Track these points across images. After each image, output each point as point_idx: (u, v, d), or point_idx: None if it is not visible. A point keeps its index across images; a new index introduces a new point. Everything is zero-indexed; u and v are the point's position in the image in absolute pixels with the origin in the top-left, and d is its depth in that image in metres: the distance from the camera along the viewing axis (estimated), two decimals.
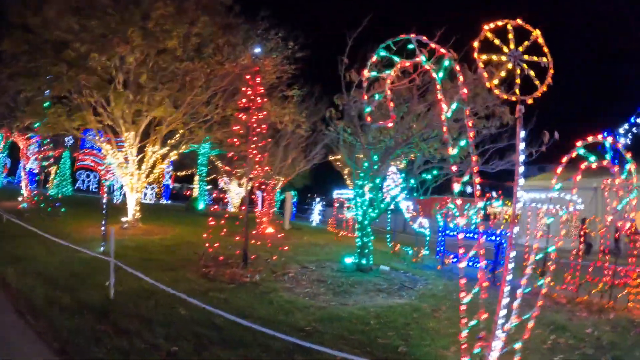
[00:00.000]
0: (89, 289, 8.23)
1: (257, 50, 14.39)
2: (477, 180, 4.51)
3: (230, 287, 8.95)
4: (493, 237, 12.98)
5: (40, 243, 12.13)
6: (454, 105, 4.66)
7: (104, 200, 12.36)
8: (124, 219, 16.35)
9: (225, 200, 41.61)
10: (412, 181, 12.07)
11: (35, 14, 13.41)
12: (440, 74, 4.84)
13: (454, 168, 4.70)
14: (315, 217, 33.92)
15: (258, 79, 11.51)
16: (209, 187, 43.55)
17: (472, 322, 4.72)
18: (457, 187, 4.61)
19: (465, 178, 4.51)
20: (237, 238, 11.92)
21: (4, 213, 15.60)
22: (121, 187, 36.50)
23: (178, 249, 13.28)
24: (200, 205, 29.69)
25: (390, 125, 6.00)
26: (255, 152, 11.26)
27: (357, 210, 12.32)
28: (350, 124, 11.69)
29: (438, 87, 4.82)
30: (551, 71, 4.85)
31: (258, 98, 11.45)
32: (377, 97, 6.42)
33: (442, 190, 13.41)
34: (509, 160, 10.46)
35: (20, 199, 21.42)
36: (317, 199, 36.91)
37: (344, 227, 23.37)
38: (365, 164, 11.91)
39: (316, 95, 21.95)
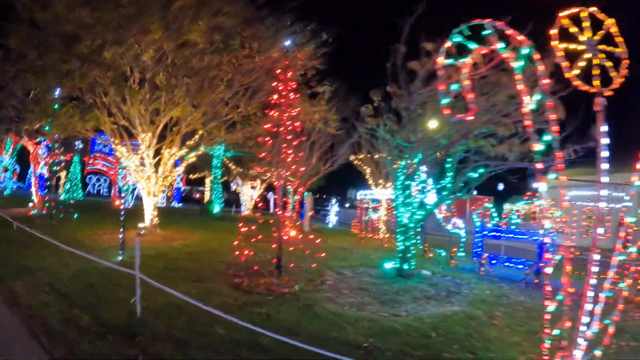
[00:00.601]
0: (111, 305, 7.29)
1: (287, 42, 13.25)
2: (564, 178, 4.45)
3: (268, 299, 8.08)
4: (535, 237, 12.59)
5: (52, 252, 11.22)
6: (536, 97, 4.53)
7: (122, 206, 11.34)
8: (140, 225, 15.40)
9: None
10: (448, 180, 11.15)
11: (44, 8, 12.51)
12: (520, 63, 4.62)
13: (539, 165, 4.54)
14: (332, 219, 33.15)
15: (289, 74, 10.56)
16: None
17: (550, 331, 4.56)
18: (543, 186, 4.68)
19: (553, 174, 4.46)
20: (273, 246, 10.87)
21: (14, 220, 14.70)
22: (132, 191, 35.78)
23: (202, 256, 12.33)
24: (216, 209, 28.71)
25: (470, 118, 5.47)
26: (289, 151, 10.16)
27: (400, 211, 11.50)
28: (391, 119, 10.71)
29: (518, 77, 4.59)
30: (626, 61, 4.65)
31: (291, 94, 10.49)
32: (454, 87, 5.67)
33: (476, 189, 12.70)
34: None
35: (30, 205, 20.59)
36: (333, 200, 36.06)
37: (363, 228, 22.58)
38: (415, 162, 11.08)
39: (344, 92, 20.62)
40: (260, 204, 37.48)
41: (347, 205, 55.87)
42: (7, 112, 20.16)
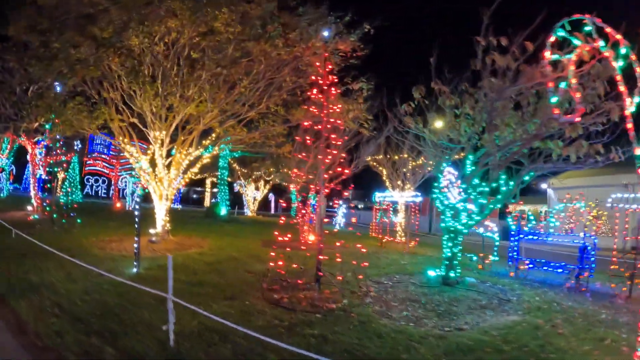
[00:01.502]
0: (136, 332, 6.17)
1: (326, 33, 11.97)
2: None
3: (317, 317, 7.13)
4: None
5: (57, 264, 10.07)
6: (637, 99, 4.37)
7: (136, 212, 10.17)
8: (152, 231, 14.22)
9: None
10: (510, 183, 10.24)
11: None
12: (620, 63, 4.48)
13: None
14: (340, 220, 32.20)
15: (329, 67, 9.50)
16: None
17: None
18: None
19: None
20: (308, 254, 10.02)
21: (13, 226, 13.49)
22: (132, 193, 34.50)
23: (225, 267, 11.17)
24: (222, 211, 27.50)
25: (578, 119, 5.67)
26: (334, 151, 9.16)
27: (447, 216, 10.72)
28: (469, 119, 10.01)
29: (619, 77, 4.45)
30: None
31: (332, 89, 9.43)
32: (563, 85, 5.04)
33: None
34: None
35: (29, 208, 19.36)
36: (341, 202, 34.98)
37: (381, 232, 21.49)
38: (467, 166, 10.36)
39: (374, 88, 19.22)
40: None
41: (358, 206, 54.79)
42: (4, 110, 18.97)
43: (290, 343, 5.38)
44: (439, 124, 11.19)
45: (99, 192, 44.17)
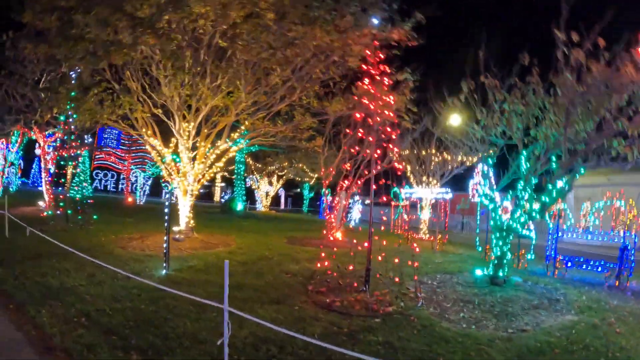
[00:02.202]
0: (182, 346, 5.40)
1: (376, 20, 10.94)
2: None
3: (376, 322, 6.64)
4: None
5: (77, 266, 9.26)
6: None
7: (166, 209, 9.30)
8: (175, 229, 13.36)
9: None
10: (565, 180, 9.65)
11: None
12: None
13: None
14: (355, 216, 31.28)
15: (380, 56, 8.86)
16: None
17: None
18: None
19: None
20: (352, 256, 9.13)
21: (26, 223, 12.67)
22: (142, 186, 33.72)
23: (260, 267, 10.32)
24: (239, 207, 26.64)
25: None
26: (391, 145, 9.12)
27: (498, 213, 10.31)
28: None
29: None
30: None
31: (385, 79, 8.81)
32: None
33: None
34: None
35: (41, 204, 18.56)
36: (356, 197, 34.09)
37: (407, 228, 20.70)
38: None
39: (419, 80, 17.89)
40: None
41: (364, 202, 53.70)
42: (14, 102, 18.11)
43: (357, 351, 4.95)
44: (486, 118, 10.62)
45: (108, 186, 43.46)
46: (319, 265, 8.54)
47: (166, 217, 8.96)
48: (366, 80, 8.72)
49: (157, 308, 6.81)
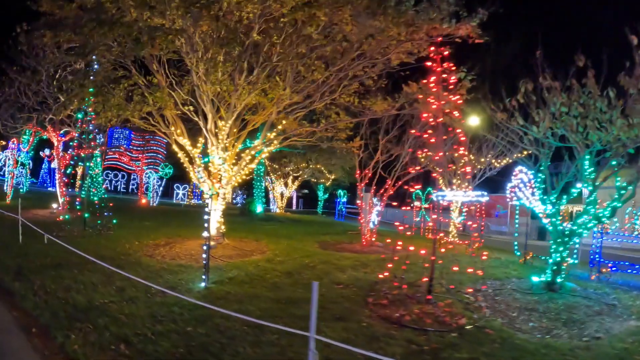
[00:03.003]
0: None
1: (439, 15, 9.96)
2: None
3: (453, 337, 6.18)
4: None
5: (104, 278, 8.26)
6: None
7: (206, 215, 8.28)
8: (205, 235, 12.25)
9: None
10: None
11: None
12: None
13: None
14: (374, 219, 30.28)
15: (445, 53, 8.34)
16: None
17: None
18: None
19: None
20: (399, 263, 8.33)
21: (40, 228, 11.66)
22: (155, 188, 32.68)
23: (306, 278, 9.34)
24: (258, 209, 25.59)
25: None
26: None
27: (556, 218, 9.83)
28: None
29: None
30: None
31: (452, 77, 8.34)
32: None
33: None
34: None
35: (55, 206, 17.56)
36: (375, 199, 33.06)
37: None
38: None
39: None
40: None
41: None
42: (27, 100, 17.18)
43: None
44: (546, 120, 10.10)
45: (118, 187, 42.56)
46: (381, 276, 8.14)
47: (205, 225, 7.92)
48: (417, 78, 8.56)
49: (207, 330, 5.83)
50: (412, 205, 24.43)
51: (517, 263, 13.22)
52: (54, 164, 42.02)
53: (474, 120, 17.43)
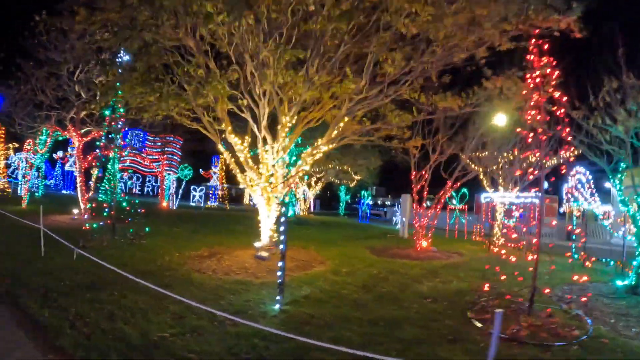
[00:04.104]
0: None
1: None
2: None
3: (575, 350, 5.75)
4: None
5: (152, 301, 6.83)
6: None
7: (282, 218, 6.80)
8: (257, 244, 10.86)
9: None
10: None
11: None
12: None
13: None
14: (404, 220, 28.96)
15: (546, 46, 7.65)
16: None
17: None
18: None
19: None
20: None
21: (64, 238, 10.22)
22: (175, 190, 31.30)
23: (387, 292, 8.35)
24: (289, 212, 24.09)
25: None
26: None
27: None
28: None
29: None
30: None
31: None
32: None
33: None
34: None
35: (76, 212, 16.16)
36: (403, 199, 31.66)
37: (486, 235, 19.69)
38: None
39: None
40: None
41: (386, 203, 51.43)
42: (45, 97, 15.82)
43: None
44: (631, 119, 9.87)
45: (133, 189, 41.30)
46: (487, 287, 7.71)
47: (282, 239, 6.42)
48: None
49: None
50: (447, 206, 23.26)
51: (580, 266, 12.39)
52: (68, 166, 41.07)
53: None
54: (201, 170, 38.34)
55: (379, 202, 51.11)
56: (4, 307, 6.46)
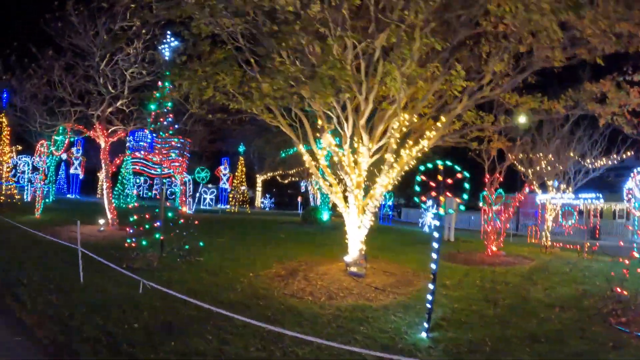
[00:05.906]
0: None
1: None
2: None
3: None
4: None
5: (261, 344, 5.23)
6: None
7: (436, 234, 5.32)
8: (347, 259, 9.30)
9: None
10: None
11: None
12: None
13: None
14: (428, 222, 27.71)
15: None
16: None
17: None
18: None
19: None
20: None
21: (101, 255, 8.56)
22: (192, 194, 29.53)
23: (507, 305, 7.80)
24: (324, 216, 22.51)
25: None
26: None
27: None
28: None
29: None
30: None
31: None
32: None
33: None
34: None
35: (102, 222, 14.38)
36: (429, 201, 30.21)
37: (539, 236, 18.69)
38: None
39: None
40: None
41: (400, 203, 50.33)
42: (65, 91, 14.11)
43: None
44: None
45: (141, 193, 39.47)
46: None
47: (435, 257, 4.87)
48: None
49: None
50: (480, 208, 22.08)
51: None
52: (73, 169, 39.12)
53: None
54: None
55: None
56: None
